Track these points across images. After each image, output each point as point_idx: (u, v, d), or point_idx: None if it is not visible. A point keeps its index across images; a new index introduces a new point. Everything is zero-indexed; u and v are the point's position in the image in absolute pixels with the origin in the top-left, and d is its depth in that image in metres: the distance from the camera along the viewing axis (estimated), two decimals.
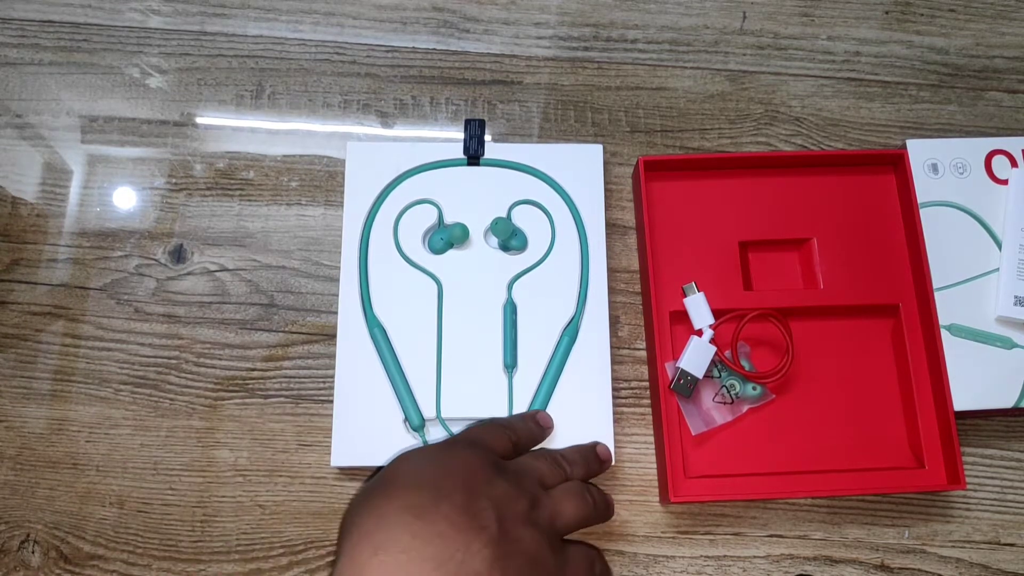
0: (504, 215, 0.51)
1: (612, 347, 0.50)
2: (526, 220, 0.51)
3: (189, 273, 0.52)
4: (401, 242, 0.51)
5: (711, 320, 0.49)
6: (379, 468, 0.42)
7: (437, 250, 0.50)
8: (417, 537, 0.33)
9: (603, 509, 0.43)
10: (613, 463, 0.46)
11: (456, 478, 0.37)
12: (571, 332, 0.49)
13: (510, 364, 0.48)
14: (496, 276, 0.50)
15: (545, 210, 0.52)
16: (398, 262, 0.50)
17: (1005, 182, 0.52)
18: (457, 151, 0.52)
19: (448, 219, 0.51)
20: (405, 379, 0.48)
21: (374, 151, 0.52)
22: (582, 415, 0.48)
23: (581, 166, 0.52)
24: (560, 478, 0.42)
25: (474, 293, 0.50)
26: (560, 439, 0.47)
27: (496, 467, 0.39)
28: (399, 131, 0.55)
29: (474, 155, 0.52)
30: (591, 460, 0.45)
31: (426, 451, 0.40)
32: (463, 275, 0.50)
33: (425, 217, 0.51)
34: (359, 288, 0.49)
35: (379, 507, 0.35)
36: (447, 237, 0.50)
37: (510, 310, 0.49)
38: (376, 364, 0.48)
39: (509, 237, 0.50)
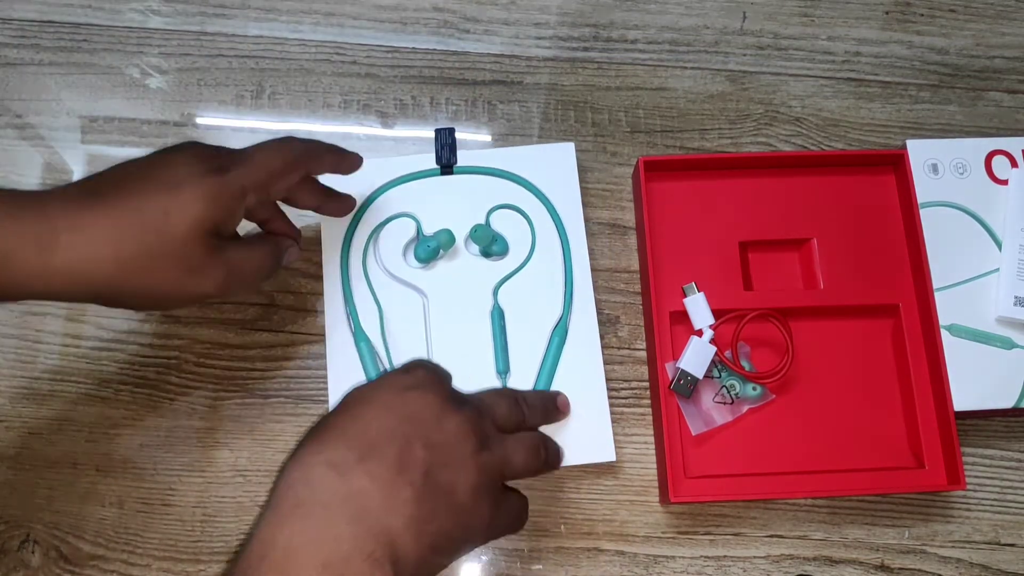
0: (483, 221, 0.51)
1: (612, 347, 0.50)
2: (505, 224, 0.51)
3: None
4: (383, 258, 0.50)
5: (711, 320, 0.49)
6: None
7: (424, 259, 0.50)
8: (336, 494, 0.34)
9: (554, 462, 0.43)
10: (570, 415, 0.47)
11: (397, 425, 0.36)
12: (560, 332, 0.49)
13: (503, 370, 0.48)
14: (480, 283, 0.50)
15: (523, 212, 0.51)
16: (381, 278, 0.50)
17: (1005, 182, 0.52)
18: (430, 162, 0.52)
19: (427, 231, 0.51)
20: None
21: None
22: (579, 412, 0.48)
23: (554, 165, 0.52)
24: (517, 422, 0.42)
25: (460, 302, 0.49)
26: (559, 438, 0.46)
27: (455, 402, 0.38)
28: (398, 132, 0.55)
29: (447, 164, 0.52)
30: (551, 409, 0.45)
31: (380, 392, 0.39)
32: (447, 285, 0.50)
33: (404, 231, 0.51)
34: (344, 309, 0.49)
35: (305, 461, 0.36)
36: (435, 244, 0.49)
37: (497, 316, 0.49)
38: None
39: (490, 243, 0.50)
